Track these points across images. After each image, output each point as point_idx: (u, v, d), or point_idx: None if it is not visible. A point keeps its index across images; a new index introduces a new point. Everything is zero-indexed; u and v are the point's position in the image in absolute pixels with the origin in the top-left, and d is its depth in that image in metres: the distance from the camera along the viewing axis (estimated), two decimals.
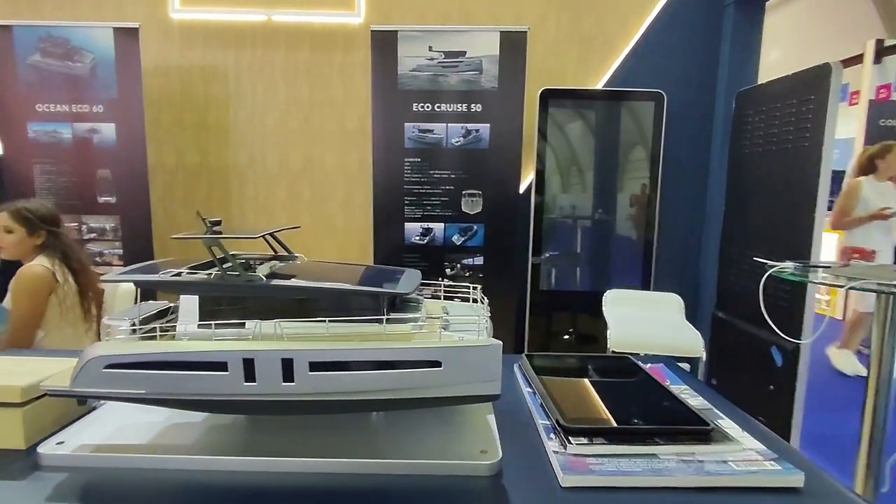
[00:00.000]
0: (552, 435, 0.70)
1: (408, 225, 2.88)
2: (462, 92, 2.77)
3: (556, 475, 0.63)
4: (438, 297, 0.94)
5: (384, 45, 2.77)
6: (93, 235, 2.98)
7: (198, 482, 0.65)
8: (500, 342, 0.69)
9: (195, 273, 0.74)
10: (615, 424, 0.69)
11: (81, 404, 0.72)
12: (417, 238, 2.89)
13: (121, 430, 0.74)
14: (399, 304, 0.81)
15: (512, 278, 2.92)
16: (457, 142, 2.81)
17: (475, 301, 0.91)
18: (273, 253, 0.93)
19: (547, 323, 3.06)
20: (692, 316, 2.42)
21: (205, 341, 0.68)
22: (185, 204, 3.33)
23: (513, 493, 0.62)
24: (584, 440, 0.66)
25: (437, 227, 2.88)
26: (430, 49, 2.74)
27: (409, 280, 0.79)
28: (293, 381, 0.67)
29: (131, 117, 2.91)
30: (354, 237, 3.33)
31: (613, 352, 2.03)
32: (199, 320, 0.71)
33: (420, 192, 2.85)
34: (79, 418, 0.77)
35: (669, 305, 2.33)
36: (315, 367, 0.67)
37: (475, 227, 2.88)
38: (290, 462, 0.68)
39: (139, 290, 0.80)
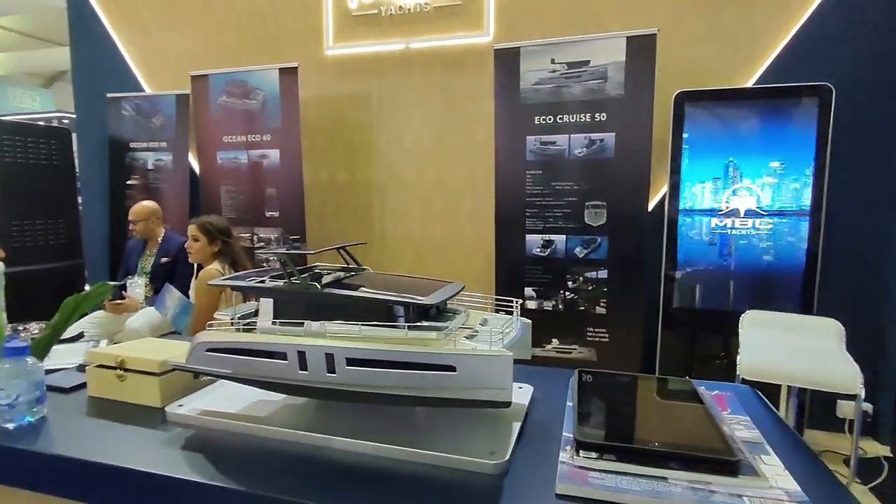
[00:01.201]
0: (568, 447, 0.69)
1: (529, 237, 2.89)
2: (585, 101, 2.70)
3: (555, 482, 0.63)
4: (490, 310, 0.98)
5: (507, 62, 2.84)
6: (261, 244, 3.52)
7: (267, 445, 0.80)
8: (511, 354, 0.72)
9: (274, 281, 0.88)
10: (631, 444, 0.66)
11: (196, 378, 0.92)
12: (538, 250, 2.87)
13: (222, 400, 0.93)
14: (435, 313, 0.87)
15: (640, 293, 2.74)
16: (580, 152, 2.75)
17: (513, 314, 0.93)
18: (346, 265, 1.06)
19: (687, 344, 2.80)
20: (867, 349, 2.04)
21: (273, 335, 0.82)
22: (336, 216, 3.74)
23: (508, 493, 0.64)
24: (594, 454, 0.64)
25: (559, 239, 2.83)
26: (553, 61, 2.73)
27: (442, 292, 0.84)
28: (335, 373, 0.77)
29: (291, 143, 3.39)
30: (481, 248, 3.43)
31: (743, 380, 1.80)
32: (273, 318, 0.85)
33: (541, 203, 2.84)
34: (201, 388, 0.98)
35: (825, 333, 1.99)
36: (350, 362, 0.77)
37: (599, 240, 2.77)
38: (330, 439, 0.79)
39: None
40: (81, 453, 0.77)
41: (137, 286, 3.47)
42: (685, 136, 2.67)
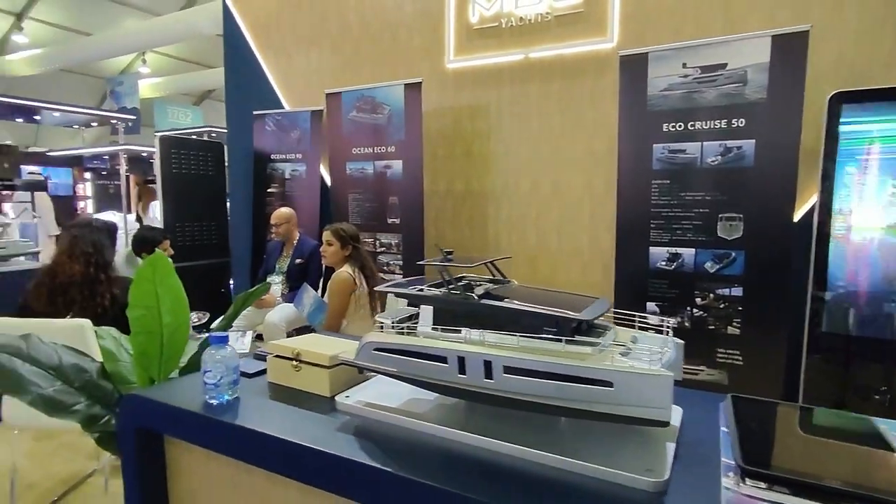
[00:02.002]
0: (730, 473, 0.68)
1: (653, 249, 2.77)
2: (721, 107, 2.54)
3: None
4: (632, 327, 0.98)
5: (633, 68, 2.76)
6: (383, 249, 3.73)
7: (421, 439, 0.87)
8: (672, 374, 0.72)
9: (432, 290, 0.96)
10: (807, 478, 0.62)
11: (360, 373, 1.02)
12: (663, 263, 2.74)
13: (381, 394, 1.02)
14: (586, 328, 0.89)
15: (782, 314, 2.51)
16: (713, 161, 2.59)
17: (666, 334, 0.92)
18: (491, 276, 1.11)
19: (838, 373, 2.51)
20: None
21: (434, 340, 0.89)
22: (453, 224, 3.86)
23: None
24: (763, 485, 0.62)
25: (687, 253, 2.68)
26: (684, 66, 2.60)
27: (594, 308, 0.86)
28: (492, 379, 0.83)
29: (414, 154, 3.56)
30: (598, 259, 3.35)
31: None
32: (432, 324, 0.92)
33: (668, 214, 2.71)
34: (361, 382, 1.08)
35: None
36: (508, 370, 0.81)
37: (733, 255, 2.58)
38: (484, 440, 0.84)
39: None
40: (267, 428, 0.90)
41: (275, 284, 3.85)
42: (839, 138, 2.40)
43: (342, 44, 4.25)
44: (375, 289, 1.05)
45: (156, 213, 7.44)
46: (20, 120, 9.82)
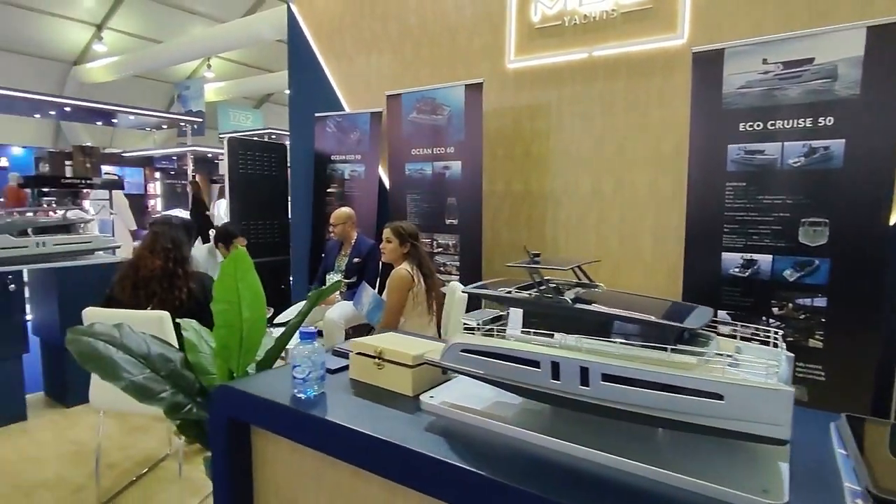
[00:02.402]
0: (859, 500, 0.62)
1: (725, 255, 2.63)
2: (806, 105, 2.39)
3: None
4: (733, 337, 0.93)
5: (707, 65, 2.64)
6: (440, 249, 3.74)
7: (508, 443, 0.86)
8: (792, 389, 0.67)
9: (521, 293, 0.93)
10: None
11: (444, 374, 1.01)
12: (737, 270, 2.61)
13: (465, 396, 1.01)
14: (687, 337, 0.84)
15: (873, 328, 2.33)
16: (795, 162, 2.44)
17: (775, 345, 0.87)
18: (577, 280, 1.08)
19: None
20: None
21: (526, 343, 0.87)
22: (509, 225, 3.82)
23: None
24: None
25: (763, 260, 2.54)
26: (765, 62, 2.46)
27: (698, 316, 0.82)
28: (588, 386, 0.80)
29: (473, 154, 3.55)
30: (662, 264, 3.23)
31: None
32: (522, 327, 0.90)
33: (744, 219, 2.57)
34: (441, 383, 1.08)
35: None
36: (607, 377, 0.78)
37: (817, 262, 2.42)
38: (579, 449, 0.80)
39: (468, 297, 1.09)
40: (355, 424, 0.90)
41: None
42: None
43: (402, 46, 4.30)
44: (463, 290, 1.03)
45: (220, 211, 7.79)
46: (100, 123, 10.53)
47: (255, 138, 7.90)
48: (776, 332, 0.84)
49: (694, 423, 0.73)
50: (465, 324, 0.96)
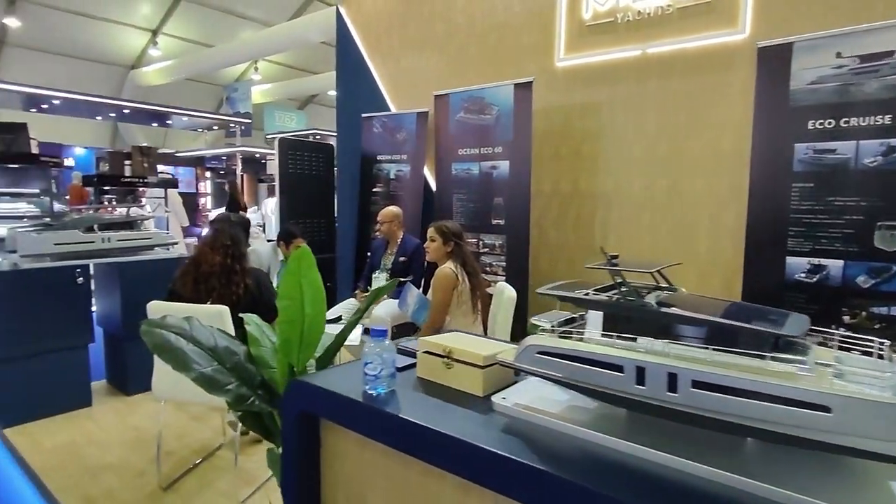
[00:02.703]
0: None
1: (790, 259, 2.51)
2: (884, 101, 2.25)
3: None
4: (826, 345, 0.88)
5: (774, 60, 2.52)
6: (486, 249, 3.72)
7: (584, 447, 0.84)
8: None
9: (598, 295, 0.91)
10: None
11: (516, 375, 1.00)
12: (803, 275, 2.49)
13: (537, 398, 0.98)
14: (782, 345, 0.80)
15: None
16: (872, 162, 2.30)
17: (881, 357, 0.81)
18: (655, 283, 1.04)
19: None
20: None
21: (608, 347, 0.84)
22: (556, 226, 3.77)
23: None
24: None
25: (833, 265, 2.41)
26: (838, 55, 2.34)
27: (795, 324, 0.78)
28: (676, 393, 0.76)
29: (521, 154, 3.51)
30: (719, 267, 3.11)
31: None
32: (603, 330, 0.87)
33: (811, 221, 2.45)
34: (510, 385, 1.06)
35: None
36: (697, 384, 0.75)
37: (895, 269, 2.28)
38: (659, 455, 0.77)
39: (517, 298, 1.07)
40: (430, 422, 0.90)
41: (380, 280, 3.96)
42: None
43: (448, 46, 4.30)
44: (538, 291, 1.01)
45: (267, 209, 8.00)
46: (155, 125, 11.01)
47: (301, 139, 8.08)
48: (881, 343, 0.79)
49: (794, 436, 0.69)
50: (536, 325, 0.94)
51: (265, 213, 8.10)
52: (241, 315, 1.76)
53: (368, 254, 4.24)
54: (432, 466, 0.90)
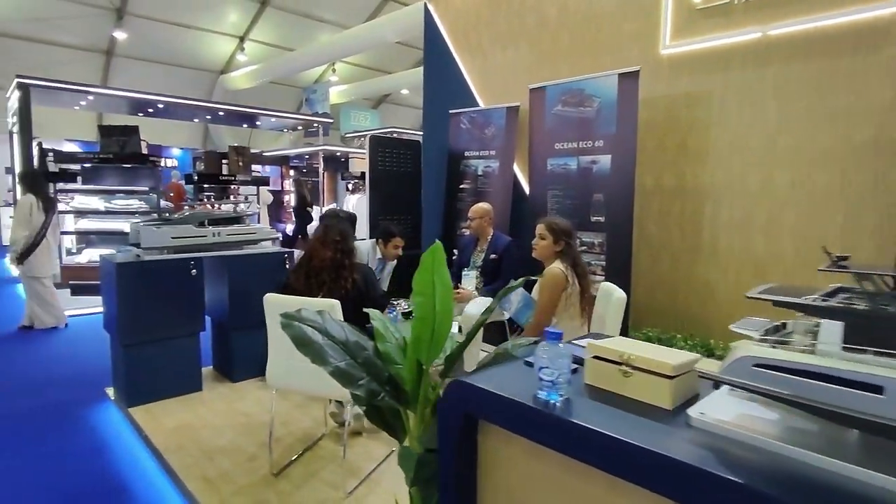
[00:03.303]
0: None
1: None
2: None
3: None
4: None
5: None
6: (584, 248, 3.58)
7: (805, 472, 0.73)
8: None
9: (828, 301, 0.79)
10: None
11: (715, 388, 0.89)
12: None
13: (741, 416, 0.87)
14: None
15: None
16: None
17: None
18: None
19: None
20: None
21: (858, 364, 0.72)
22: (658, 222, 3.56)
23: None
24: None
25: None
26: None
27: None
28: None
29: (625, 147, 3.35)
30: None
31: None
32: (844, 343, 0.76)
33: None
34: (693, 397, 0.96)
35: None
36: None
37: None
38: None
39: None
40: (621, 434, 0.82)
41: (470, 278, 3.92)
42: None
43: (539, 39, 4.18)
44: (748, 295, 0.90)
45: (350, 206, 8.22)
46: (244, 126, 11.62)
47: (387, 136, 8.23)
48: None
49: None
50: (744, 333, 0.84)
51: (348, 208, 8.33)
52: (364, 310, 1.77)
53: (455, 251, 4.21)
54: (621, 480, 0.83)
